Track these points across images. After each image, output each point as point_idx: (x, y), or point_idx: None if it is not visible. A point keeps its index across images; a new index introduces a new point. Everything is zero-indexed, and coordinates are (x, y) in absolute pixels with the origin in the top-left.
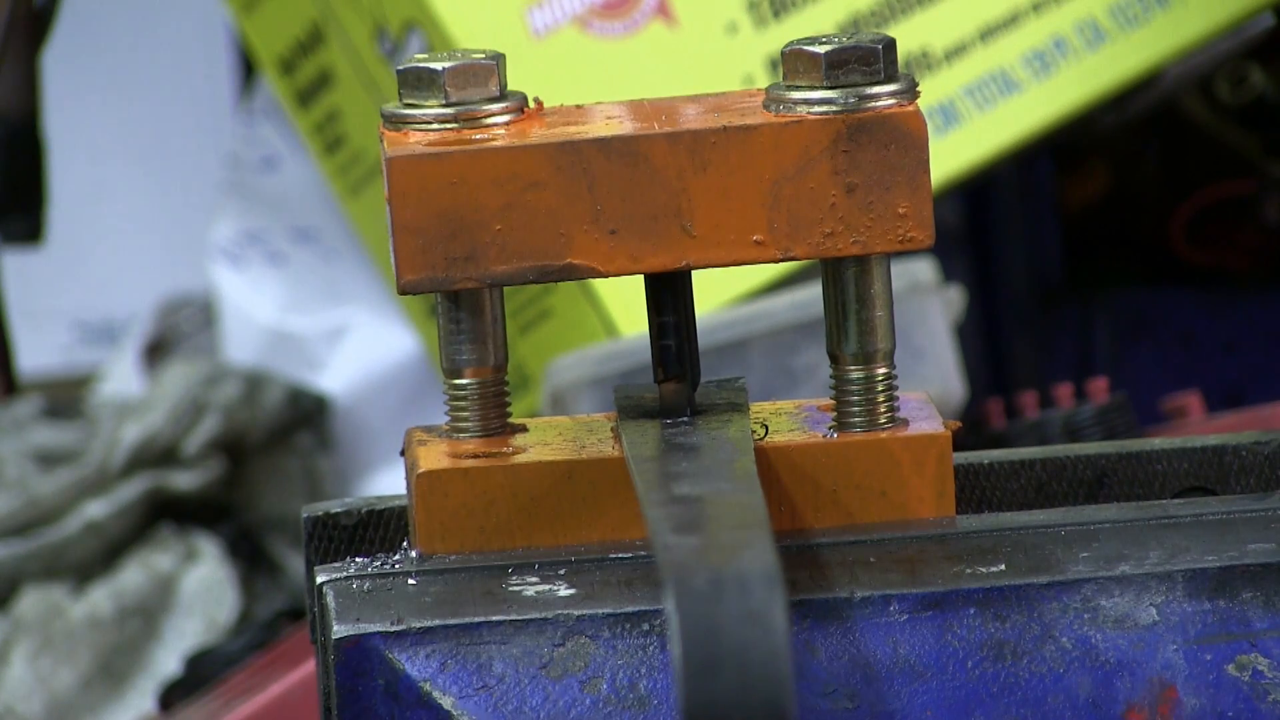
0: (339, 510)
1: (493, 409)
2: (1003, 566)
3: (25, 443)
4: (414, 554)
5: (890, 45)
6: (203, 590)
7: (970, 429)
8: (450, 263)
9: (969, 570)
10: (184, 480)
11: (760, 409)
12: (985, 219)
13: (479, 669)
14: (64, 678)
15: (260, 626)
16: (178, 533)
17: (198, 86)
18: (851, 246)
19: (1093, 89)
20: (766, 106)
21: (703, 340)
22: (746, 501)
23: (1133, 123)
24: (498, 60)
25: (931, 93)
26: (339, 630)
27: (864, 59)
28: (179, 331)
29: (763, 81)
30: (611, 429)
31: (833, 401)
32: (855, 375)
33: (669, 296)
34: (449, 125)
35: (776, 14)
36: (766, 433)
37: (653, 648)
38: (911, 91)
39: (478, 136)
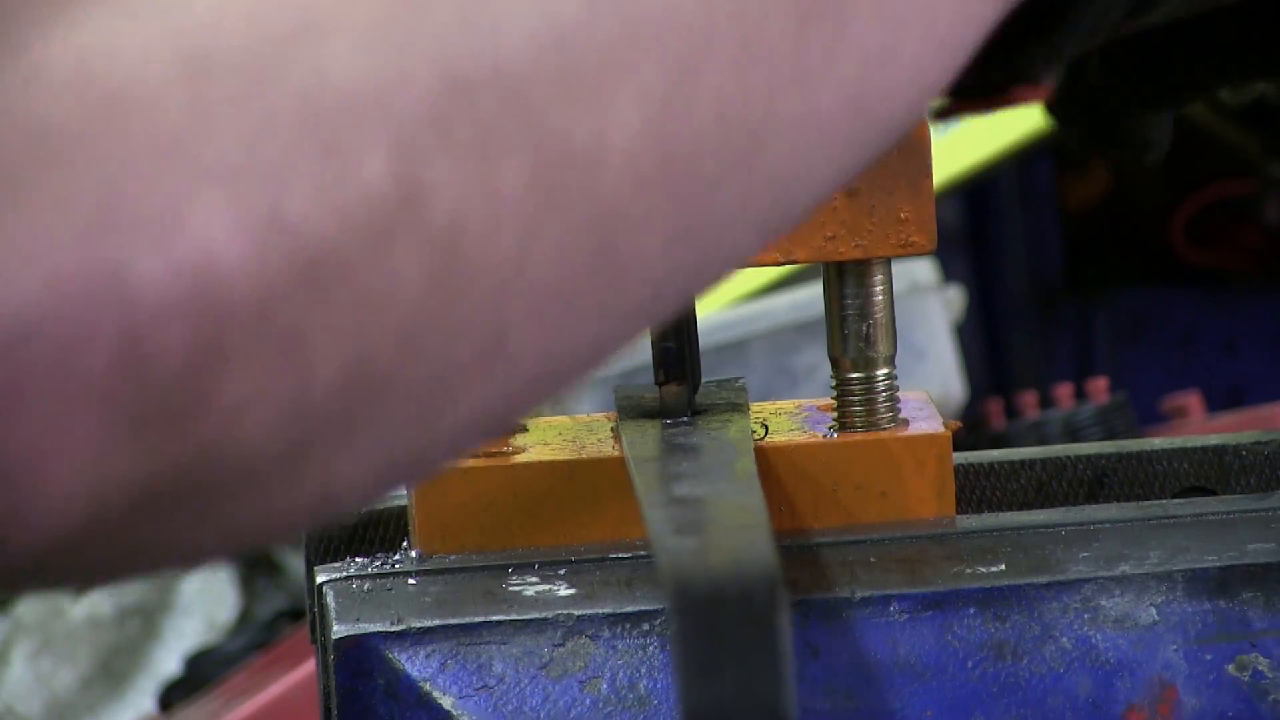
0: None
1: None
2: (1003, 566)
3: None
4: (414, 554)
5: None
6: (203, 590)
7: (970, 429)
8: None
9: (969, 570)
10: None
11: (760, 409)
12: (985, 219)
13: (479, 669)
14: (64, 678)
15: (260, 626)
16: None
17: None
18: (853, 250)
19: None
20: None
21: (703, 340)
22: (746, 502)
23: None
24: None
25: None
26: (339, 630)
27: None
28: None
29: None
30: (611, 429)
31: (833, 401)
32: (856, 379)
33: None
34: None
35: None
36: (766, 433)
37: (653, 648)
38: None
39: None
